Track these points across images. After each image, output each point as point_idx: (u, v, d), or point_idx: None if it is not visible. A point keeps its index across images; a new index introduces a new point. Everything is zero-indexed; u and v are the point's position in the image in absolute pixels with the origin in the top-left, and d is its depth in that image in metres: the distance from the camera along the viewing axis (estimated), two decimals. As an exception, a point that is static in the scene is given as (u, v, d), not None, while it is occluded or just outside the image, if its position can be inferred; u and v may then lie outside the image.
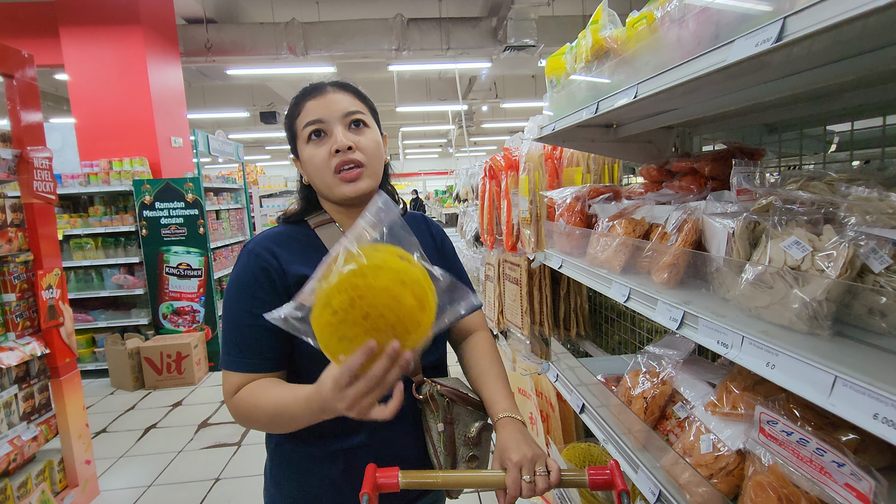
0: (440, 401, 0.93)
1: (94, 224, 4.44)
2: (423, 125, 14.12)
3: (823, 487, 0.65)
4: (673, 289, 0.95)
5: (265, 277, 0.89)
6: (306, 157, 0.94)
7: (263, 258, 0.90)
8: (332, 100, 0.93)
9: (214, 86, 9.99)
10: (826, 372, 0.54)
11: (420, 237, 1.06)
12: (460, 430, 0.94)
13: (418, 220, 1.15)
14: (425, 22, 6.63)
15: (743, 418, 0.86)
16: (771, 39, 0.57)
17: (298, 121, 0.94)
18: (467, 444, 0.94)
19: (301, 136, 0.94)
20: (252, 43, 6.48)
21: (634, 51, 0.95)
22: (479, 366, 1.03)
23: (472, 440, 0.93)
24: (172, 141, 5.28)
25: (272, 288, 0.89)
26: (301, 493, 0.97)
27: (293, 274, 0.90)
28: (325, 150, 0.92)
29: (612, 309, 1.99)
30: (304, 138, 0.93)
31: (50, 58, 5.15)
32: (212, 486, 2.73)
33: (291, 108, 0.96)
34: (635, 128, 1.48)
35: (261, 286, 0.88)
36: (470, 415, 0.95)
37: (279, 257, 0.91)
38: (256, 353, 0.88)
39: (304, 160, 0.95)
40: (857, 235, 0.63)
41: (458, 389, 0.95)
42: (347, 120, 0.93)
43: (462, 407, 0.94)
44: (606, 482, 0.84)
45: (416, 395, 0.95)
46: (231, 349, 0.89)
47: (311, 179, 0.97)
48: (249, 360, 0.88)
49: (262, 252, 0.90)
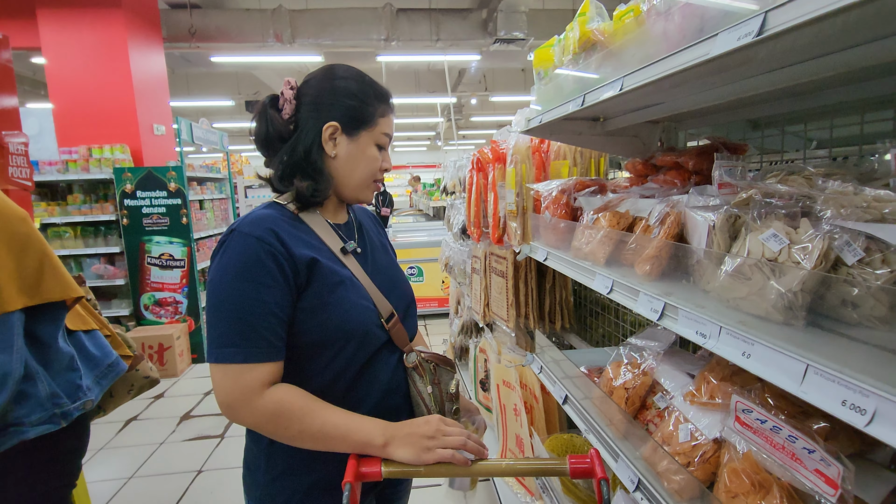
0: (426, 366, 1.02)
1: (72, 212, 4.33)
2: (411, 117, 14.03)
3: (795, 473, 0.67)
4: (655, 281, 0.96)
5: (272, 262, 0.85)
6: (368, 154, 0.99)
7: (268, 242, 0.86)
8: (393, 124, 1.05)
9: (199, 73, 9.79)
10: (798, 360, 0.55)
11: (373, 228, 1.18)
12: (443, 388, 1.03)
13: (364, 212, 1.21)
14: (415, 12, 6.58)
15: (720, 408, 0.88)
16: (753, 33, 0.57)
17: (381, 121, 1.00)
18: (450, 399, 1.04)
19: (374, 132, 0.99)
20: (238, 29, 6.36)
21: (621, 43, 0.96)
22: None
23: (452, 395, 1.04)
24: (154, 128, 5.17)
25: (280, 272, 0.86)
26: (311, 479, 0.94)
27: (303, 257, 0.88)
28: (380, 161, 1.02)
29: (596, 302, 2.01)
30: (375, 138, 0.99)
31: (26, 40, 5.00)
32: (194, 478, 2.71)
33: (375, 100, 0.98)
34: (622, 122, 1.49)
35: (267, 271, 0.84)
36: (448, 374, 1.05)
37: (284, 241, 0.87)
38: (270, 341, 0.85)
39: (361, 152, 0.98)
40: (831, 228, 0.64)
41: (437, 353, 1.05)
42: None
43: (443, 368, 1.04)
44: (586, 470, 0.86)
45: (407, 363, 1.02)
46: (237, 341, 0.83)
47: (347, 167, 0.99)
48: (265, 350, 0.84)
49: (265, 235, 0.86)
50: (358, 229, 1.09)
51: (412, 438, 0.86)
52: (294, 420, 0.84)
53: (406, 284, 1.12)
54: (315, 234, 0.96)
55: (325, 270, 0.90)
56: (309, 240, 0.94)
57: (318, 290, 0.89)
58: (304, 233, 0.94)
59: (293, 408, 0.84)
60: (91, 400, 1.24)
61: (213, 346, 0.84)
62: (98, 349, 1.34)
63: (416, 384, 1.02)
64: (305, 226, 0.96)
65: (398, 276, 1.11)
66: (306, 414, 0.84)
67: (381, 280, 1.02)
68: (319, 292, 0.89)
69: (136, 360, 1.50)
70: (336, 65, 1.01)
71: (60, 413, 1.16)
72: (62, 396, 1.17)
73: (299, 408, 0.85)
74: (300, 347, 0.90)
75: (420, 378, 1.02)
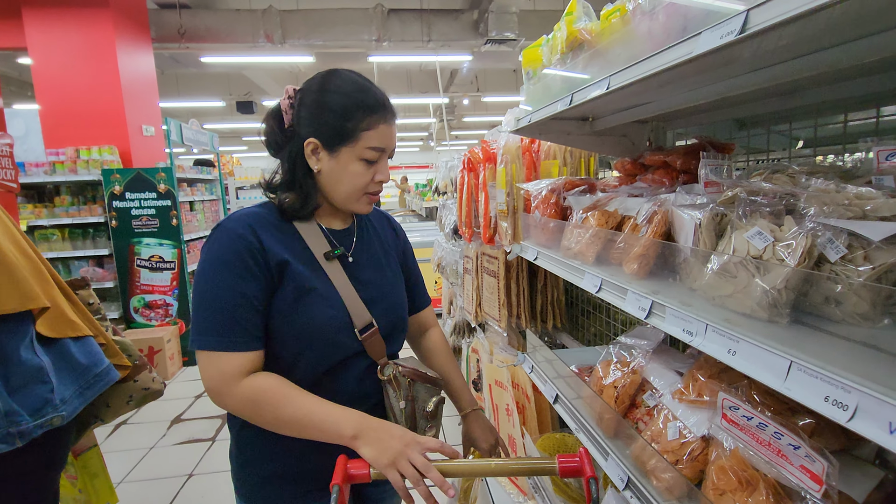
0: (402, 381, 1.00)
1: (60, 214, 4.28)
2: (403, 118, 13.99)
3: (781, 470, 0.67)
4: (643, 279, 0.96)
5: (250, 257, 0.90)
6: (350, 170, 0.95)
7: (246, 238, 0.90)
8: (394, 132, 0.98)
9: (188, 73, 9.71)
10: (783, 357, 0.56)
11: (384, 235, 1.16)
12: (419, 405, 1.02)
13: (382, 218, 1.20)
14: (406, 13, 6.57)
15: (708, 405, 0.88)
16: (735, 31, 0.58)
17: (365, 135, 0.93)
18: (426, 417, 1.02)
19: (356, 147, 0.94)
20: (228, 30, 6.31)
21: (607, 43, 0.96)
22: (438, 359, 1.23)
23: (429, 413, 1.02)
24: (144, 129, 5.11)
25: (257, 267, 0.90)
26: (270, 468, 0.99)
27: (275, 255, 0.92)
28: (370, 174, 0.97)
29: (587, 301, 2.02)
30: (359, 153, 0.94)
31: (11, 40, 4.93)
32: (185, 481, 2.68)
33: (359, 112, 0.93)
34: (610, 121, 1.49)
35: (245, 265, 0.89)
36: (427, 391, 1.03)
37: (261, 239, 0.92)
38: (249, 332, 0.90)
39: (342, 169, 0.95)
40: (815, 226, 0.65)
41: (417, 369, 1.03)
42: (391, 154, 1.00)
43: (421, 384, 1.02)
44: (575, 469, 0.86)
45: (381, 376, 1.01)
46: (218, 330, 0.88)
47: (330, 182, 0.98)
48: (244, 339, 0.89)
49: (244, 232, 0.91)
50: (359, 236, 1.09)
51: (381, 441, 0.87)
52: (269, 406, 0.88)
53: (400, 306, 1.11)
54: (300, 236, 0.98)
55: (295, 274, 0.94)
56: (289, 242, 0.96)
57: (287, 294, 0.93)
58: (287, 234, 0.97)
59: (269, 394, 0.88)
60: (61, 416, 1.13)
61: (195, 333, 0.90)
62: (87, 357, 1.24)
63: (390, 397, 1.01)
64: (291, 228, 0.98)
65: (391, 294, 1.09)
66: (281, 401, 0.88)
67: (368, 292, 1.02)
68: (287, 296, 0.93)
69: (135, 370, 1.40)
70: (329, 73, 0.97)
71: (17, 432, 1.06)
72: (22, 413, 1.07)
73: (275, 394, 0.88)
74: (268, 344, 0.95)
75: (394, 392, 1.01)
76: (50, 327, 1.16)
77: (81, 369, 1.22)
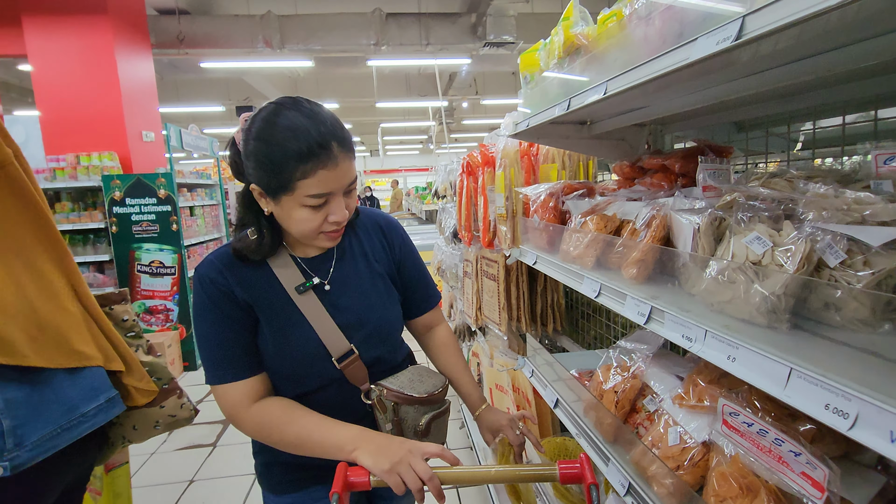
0: (387, 404, 1.01)
1: (60, 221, 4.27)
2: (403, 121, 14.04)
3: (781, 476, 0.67)
4: (642, 284, 0.96)
5: (223, 298, 0.95)
6: (295, 217, 0.89)
7: (217, 282, 0.95)
8: (342, 171, 0.87)
9: (188, 79, 9.73)
10: (782, 364, 0.55)
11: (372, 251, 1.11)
12: (409, 424, 1.02)
13: (373, 229, 1.14)
14: (404, 17, 6.59)
15: (708, 410, 0.88)
16: (731, 38, 0.57)
17: (301, 184, 0.85)
18: (418, 434, 1.02)
19: (296, 196, 0.86)
20: (226, 35, 6.33)
21: (604, 48, 0.96)
22: (446, 358, 1.23)
23: (422, 431, 1.02)
24: (143, 135, 5.12)
25: (230, 305, 0.95)
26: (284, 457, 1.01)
27: (244, 299, 0.96)
28: (321, 217, 0.90)
29: (587, 305, 2.01)
30: (300, 201, 0.87)
31: (12, 47, 4.95)
32: (186, 487, 2.67)
33: (291, 162, 0.83)
34: (608, 125, 1.49)
35: (219, 308, 0.95)
36: (417, 411, 1.02)
37: (230, 282, 0.95)
38: (246, 360, 0.96)
39: (287, 215, 0.90)
40: (813, 231, 0.64)
41: (403, 392, 1.01)
42: (347, 189, 0.92)
43: (408, 406, 1.01)
44: (576, 476, 0.85)
45: (365, 400, 1.03)
46: (220, 364, 0.94)
47: (283, 224, 0.94)
48: (239, 370, 0.95)
49: (215, 277, 0.95)
50: (339, 259, 1.05)
51: (381, 448, 0.89)
52: (274, 429, 0.94)
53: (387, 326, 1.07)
54: (271, 271, 0.98)
55: (265, 316, 0.97)
56: (261, 279, 0.97)
57: (263, 328, 0.97)
58: (259, 270, 0.98)
59: (273, 418, 0.94)
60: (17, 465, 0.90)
61: (204, 370, 0.98)
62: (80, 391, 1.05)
63: (378, 420, 1.03)
64: (264, 264, 0.99)
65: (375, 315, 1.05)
66: (284, 423, 0.93)
67: (347, 318, 1.01)
68: (264, 331, 0.97)
69: (162, 395, 1.28)
70: (268, 116, 0.86)
71: None
72: None
73: (278, 417, 0.94)
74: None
75: (380, 415, 1.02)
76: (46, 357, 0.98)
77: (67, 407, 1.02)
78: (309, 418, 0.94)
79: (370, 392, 1.02)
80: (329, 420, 0.94)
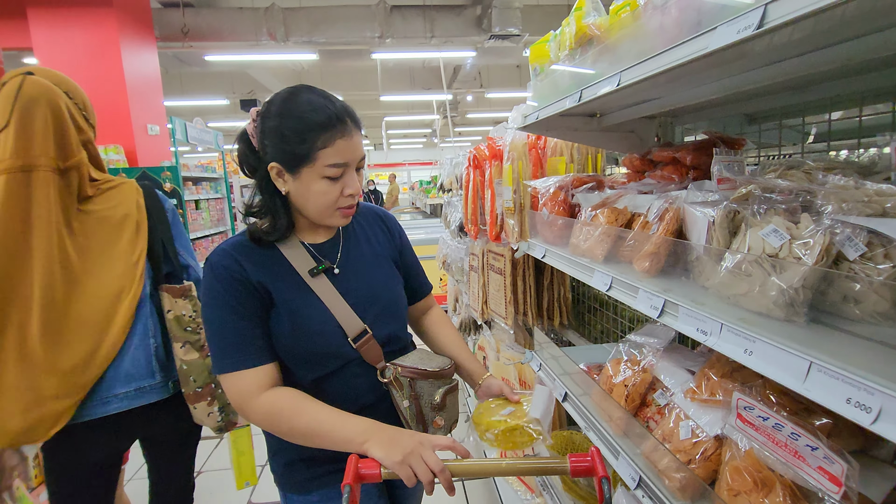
0: (403, 381, 1.03)
1: (67, 214, 4.29)
2: (407, 115, 13.98)
3: (797, 471, 0.66)
4: (654, 277, 0.95)
5: (237, 284, 0.96)
6: (314, 189, 0.95)
7: (231, 269, 0.96)
8: (356, 143, 0.96)
9: (192, 72, 9.72)
10: (802, 358, 0.55)
11: (374, 237, 1.17)
12: (426, 400, 1.04)
13: (373, 218, 1.21)
14: (409, 9, 6.54)
15: (721, 405, 0.87)
16: (753, 26, 0.56)
17: (322, 153, 0.92)
18: (434, 409, 1.05)
19: (316, 167, 0.93)
20: (231, 28, 6.31)
21: (617, 38, 0.95)
22: (445, 333, 1.27)
23: (437, 405, 1.05)
24: (149, 129, 5.13)
25: (245, 291, 0.96)
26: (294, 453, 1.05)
27: (260, 281, 0.97)
28: (338, 190, 0.96)
29: (594, 298, 2.01)
30: (320, 172, 0.94)
31: (17, 41, 4.95)
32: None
33: (313, 132, 0.91)
34: (618, 117, 1.48)
35: (235, 292, 0.96)
36: (432, 385, 1.05)
37: (245, 267, 0.97)
38: (258, 347, 0.96)
39: (306, 189, 0.96)
40: (833, 223, 0.63)
41: (417, 367, 1.04)
42: (358, 165, 0.99)
43: (423, 381, 1.04)
44: (587, 469, 0.85)
45: (381, 379, 1.04)
46: (230, 352, 0.94)
47: (299, 202, 0.99)
48: (251, 356, 0.95)
49: (228, 263, 0.97)
50: (345, 245, 1.10)
51: (392, 440, 0.89)
52: (284, 419, 0.93)
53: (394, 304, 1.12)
54: (283, 257, 1.01)
55: (282, 297, 0.98)
56: (274, 265, 1.00)
57: (279, 313, 0.98)
58: (271, 257, 1.01)
59: (283, 407, 0.94)
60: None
61: (213, 360, 0.97)
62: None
63: (395, 398, 1.04)
64: (275, 250, 1.01)
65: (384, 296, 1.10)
66: (294, 413, 0.93)
67: (358, 299, 1.05)
68: (280, 315, 0.98)
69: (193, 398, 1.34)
70: (286, 96, 0.95)
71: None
72: None
73: (289, 407, 0.94)
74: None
75: (397, 392, 1.04)
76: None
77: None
78: (320, 409, 0.94)
79: (385, 371, 1.04)
80: (339, 412, 0.94)
